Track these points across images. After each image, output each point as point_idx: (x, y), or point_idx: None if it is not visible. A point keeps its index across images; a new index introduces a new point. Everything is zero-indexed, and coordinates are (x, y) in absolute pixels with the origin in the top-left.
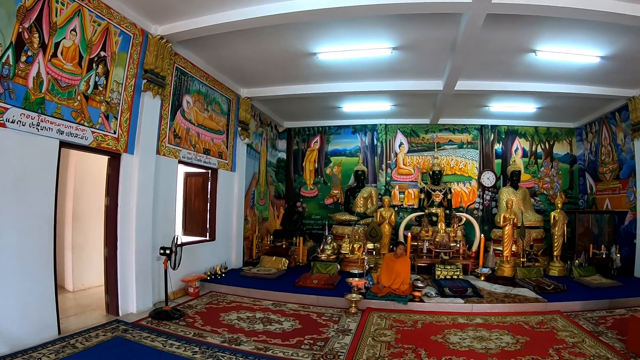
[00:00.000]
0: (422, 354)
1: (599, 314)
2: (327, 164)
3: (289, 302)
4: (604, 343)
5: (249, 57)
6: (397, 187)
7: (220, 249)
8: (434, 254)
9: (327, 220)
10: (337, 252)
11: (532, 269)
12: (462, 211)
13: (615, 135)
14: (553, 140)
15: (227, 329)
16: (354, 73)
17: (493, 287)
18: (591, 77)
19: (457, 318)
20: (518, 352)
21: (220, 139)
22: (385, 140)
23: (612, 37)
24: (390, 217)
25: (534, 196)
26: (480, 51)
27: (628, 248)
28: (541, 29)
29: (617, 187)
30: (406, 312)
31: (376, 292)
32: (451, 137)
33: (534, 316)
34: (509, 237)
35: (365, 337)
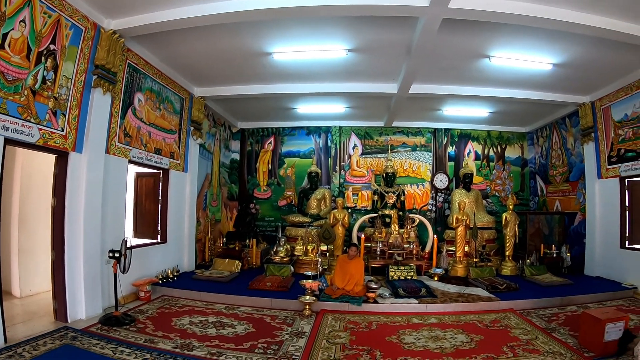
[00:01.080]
0: (377, 355)
1: (551, 311)
2: (281, 166)
3: (243, 305)
4: (557, 339)
5: (203, 56)
6: (350, 189)
7: (172, 251)
8: (388, 255)
9: (280, 222)
10: (291, 254)
11: (484, 268)
12: (416, 213)
13: (566, 140)
14: (505, 144)
15: (179, 334)
16: (309, 74)
17: (447, 287)
18: (543, 84)
19: (411, 318)
20: (473, 351)
21: (172, 138)
22: (339, 142)
23: (565, 45)
24: (343, 218)
25: (486, 198)
26: (435, 55)
27: (578, 247)
28: (496, 35)
29: (567, 190)
30: (360, 314)
31: (330, 294)
32: (405, 139)
33: (487, 315)
34: (461, 238)
35: (320, 340)
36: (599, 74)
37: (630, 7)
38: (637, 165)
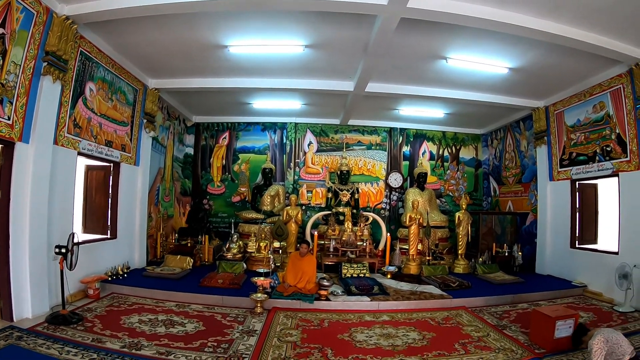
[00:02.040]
0: (328, 353)
1: (503, 308)
2: (235, 161)
3: (193, 303)
4: (508, 336)
5: (158, 46)
6: (305, 186)
7: (123, 247)
8: (341, 252)
9: (233, 218)
10: (244, 251)
11: (437, 266)
12: (369, 211)
13: (519, 143)
14: (460, 145)
15: (127, 333)
16: (266, 69)
17: (399, 284)
18: (499, 87)
19: (363, 316)
20: (425, 348)
21: (124, 130)
22: (295, 138)
23: (522, 50)
24: (297, 215)
25: (440, 197)
26: (392, 54)
27: (529, 247)
28: (453, 37)
29: (519, 191)
30: (312, 311)
31: (282, 291)
32: (360, 138)
33: (439, 312)
34: (414, 236)
35: (271, 338)
36: (554, 80)
37: (587, 17)
38: (588, 169)
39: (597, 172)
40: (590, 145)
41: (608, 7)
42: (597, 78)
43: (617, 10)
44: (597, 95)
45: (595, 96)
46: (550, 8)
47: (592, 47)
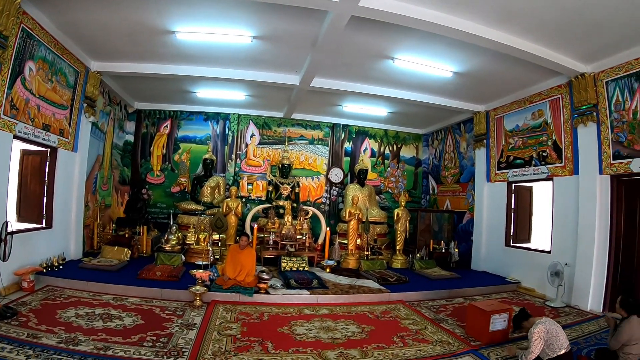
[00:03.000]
0: (268, 347)
1: (440, 302)
2: (176, 150)
3: (131, 296)
4: (445, 329)
5: (103, 27)
6: (245, 178)
7: (58, 238)
8: (280, 246)
9: (173, 209)
10: (182, 243)
11: (376, 261)
12: (310, 205)
13: (459, 144)
14: (401, 144)
15: (64, 327)
16: (212, 58)
17: (338, 278)
18: (443, 90)
19: (303, 309)
20: (364, 341)
21: (63, 114)
22: (237, 130)
23: (468, 56)
24: (236, 208)
25: (380, 194)
26: (340, 51)
27: (465, 244)
28: (402, 38)
29: (457, 190)
30: (252, 305)
31: (221, 284)
32: (303, 132)
33: (378, 306)
34: (353, 231)
35: (211, 331)
36: (496, 86)
37: (534, 29)
38: (524, 172)
39: (532, 176)
40: (528, 150)
41: (554, 22)
42: (538, 87)
43: (562, 25)
44: (536, 103)
45: (535, 104)
46: (499, 18)
47: (536, 58)
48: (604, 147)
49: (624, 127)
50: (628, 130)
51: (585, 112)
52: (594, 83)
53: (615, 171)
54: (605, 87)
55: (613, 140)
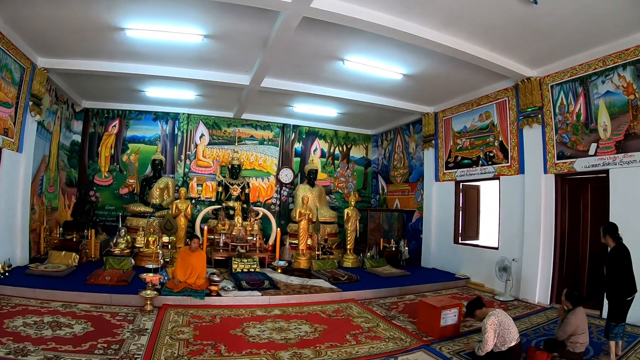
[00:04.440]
0: (222, 350)
1: (391, 300)
2: (125, 151)
3: (81, 302)
4: (397, 326)
5: (51, 22)
6: (195, 179)
7: (4, 243)
8: (231, 247)
9: (121, 211)
10: (132, 246)
11: (327, 261)
12: (260, 206)
13: (408, 145)
14: (351, 144)
15: (12, 337)
16: (162, 56)
17: (290, 279)
18: (393, 91)
19: (255, 311)
20: (317, 340)
21: (8, 112)
22: (187, 130)
23: (417, 58)
24: (186, 209)
25: (330, 194)
26: (291, 52)
27: (415, 242)
28: (352, 40)
29: (406, 189)
30: (204, 307)
31: (172, 288)
32: (253, 132)
33: (330, 305)
34: (304, 232)
35: (163, 336)
36: (445, 88)
37: (481, 34)
38: (471, 172)
39: (480, 175)
40: (475, 151)
41: (500, 27)
42: (485, 90)
43: (508, 30)
44: (484, 105)
45: (482, 106)
46: (447, 22)
47: (483, 62)
48: (548, 148)
49: (568, 129)
50: (572, 132)
51: (531, 115)
52: (540, 87)
53: (560, 170)
54: (550, 90)
55: (557, 141)
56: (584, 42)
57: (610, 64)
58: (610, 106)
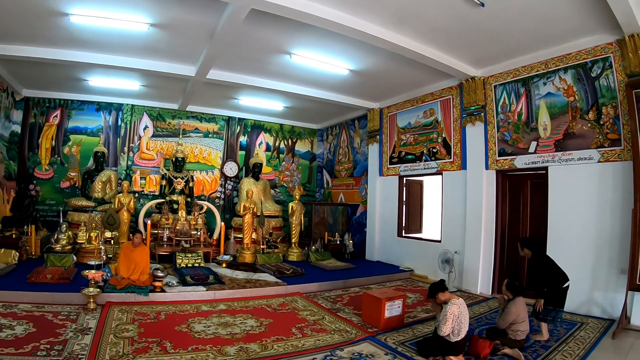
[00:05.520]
0: (167, 347)
1: (336, 293)
2: (66, 143)
3: (22, 302)
4: (342, 318)
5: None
6: (138, 172)
7: None
8: (175, 242)
9: (62, 206)
10: (73, 242)
11: (271, 255)
12: (204, 199)
13: (353, 139)
14: (296, 138)
15: None
16: (107, 44)
17: (235, 273)
18: (339, 87)
19: (200, 306)
20: (263, 334)
21: None
22: (130, 121)
23: (364, 55)
24: (129, 203)
25: (274, 188)
26: (238, 44)
27: (359, 235)
28: (300, 34)
29: (350, 184)
30: (148, 304)
31: (115, 285)
32: (198, 125)
33: (275, 299)
34: (249, 226)
35: (107, 335)
36: (391, 85)
37: (427, 33)
38: (414, 167)
39: (423, 170)
40: (419, 146)
41: (447, 28)
42: (430, 87)
43: (455, 31)
44: (428, 103)
45: (427, 103)
46: (395, 20)
47: (429, 60)
48: (490, 145)
49: (510, 127)
50: (513, 130)
51: (474, 113)
52: (483, 86)
53: (501, 167)
54: (493, 90)
55: (499, 138)
56: (528, 45)
57: (552, 67)
58: (550, 107)
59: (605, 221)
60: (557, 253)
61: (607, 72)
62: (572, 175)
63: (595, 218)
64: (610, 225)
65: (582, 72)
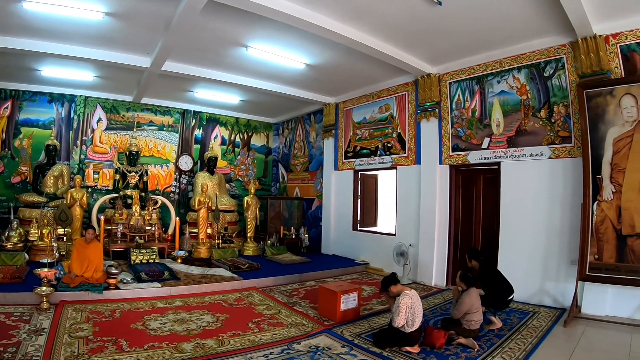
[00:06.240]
0: (123, 345)
1: (292, 287)
2: (17, 136)
3: None
4: (298, 312)
5: None
6: (91, 166)
7: None
8: (129, 238)
9: (13, 202)
10: (25, 240)
11: (227, 249)
12: (158, 194)
13: (309, 134)
14: (252, 132)
15: None
16: (60, 33)
17: (190, 269)
18: (295, 81)
19: (156, 303)
20: (220, 330)
21: None
22: (84, 114)
23: (321, 49)
24: (81, 198)
25: (230, 182)
26: (194, 35)
27: (315, 229)
28: (257, 27)
29: (306, 178)
30: (103, 302)
31: (68, 283)
32: (152, 118)
33: (231, 294)
34: (204, 220)
35: (61, 335)
36: (347, 80)
37: (384, 29)
38: (369, 161)
39: (378, 165)
40: (374, 141)
41: (404, 25)
42: (386, 83)
43: (412, 28)
44: (384, 98)
45: (383, 99)
46: (353, 16)
47: (386, 56)
48: (444, 141)
49: (463, 124)
50: (467, 127)
51: (429, 109)
52: (439, 83)
53: (454, 162)
54: (448, 87)
55: (453, 134)
56: (484, 45)
57: (506, 66)
58: (503, 104)
59: (556, 215)
60: (509, 246)
61: (559, 72)
62: (523, 170)
63: (546, 212)
64: (560, 219)
65: (536, 72)
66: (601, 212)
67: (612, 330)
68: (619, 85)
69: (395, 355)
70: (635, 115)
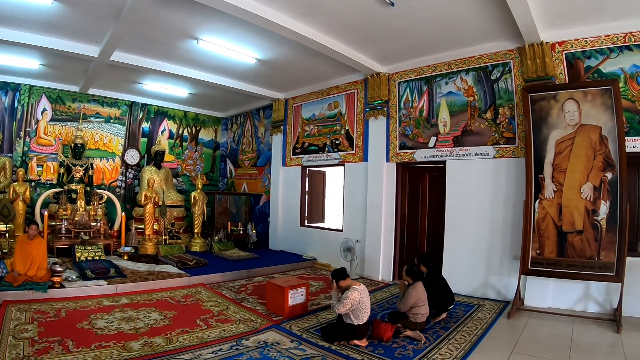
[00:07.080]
0: (69, 345)
1: (240, 283)
2: None
3: None
4: (246, 307)
5: None
6: (35, 159)
7: None
8: (74, 234)
9: None
10: None
11: (174, 245)
12: (104, 188)
13: (257, 129)
14: (200, 126)
15: None
16: (5, 17)
17: (136, 265)
18: (245, 75)
19: (102, 301)
20: (168, 327)
21: None
22: (28, 103)
23: (272, 44)
24: (24, 193)
25: (177, 177)
26: (144, 26)
27: (263, 225)
28: (208, 19)
29: (254, 173)
30: (48, 301)
31: (11, 282)
32: (99, 109)
33: (179, 291)
34: (150, 216)
35: (5, 336)
36: (297, 76)
37: (335, 27)
38: (317, 158)
39: (326, 161)
40: (322, 138)
41: (356, 23)
42: (336, 81)
43: (363, 27)
44: (333, 95)
45: (332, 96)
46: (305, 12)
47: (336, 54)
48: (391, 139)
49: (411, 123)
50: (414, 125)
51: (377, 107)
52: (388, 82)
53: (401, 160)
54: (397, 86)
55: (400, 133)
56: (433, 46)
57: (455, 68)
58: (451, 105)
59: (499, 212)
60: (454, 241)
61: (506, 76)
62: (468, 169)
63: (490, 209)
64: (503, 216)
65: (483, 75)
66: (543, 209)
67: (554, 321)
68: (562, 91)
69: (344, 349)
70: (577, 119)
